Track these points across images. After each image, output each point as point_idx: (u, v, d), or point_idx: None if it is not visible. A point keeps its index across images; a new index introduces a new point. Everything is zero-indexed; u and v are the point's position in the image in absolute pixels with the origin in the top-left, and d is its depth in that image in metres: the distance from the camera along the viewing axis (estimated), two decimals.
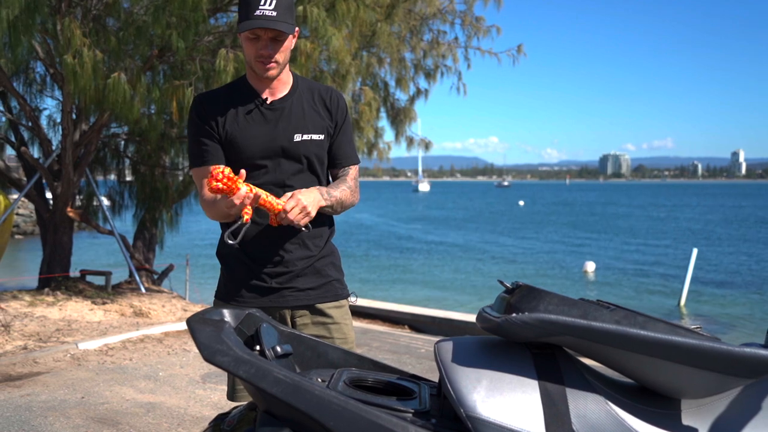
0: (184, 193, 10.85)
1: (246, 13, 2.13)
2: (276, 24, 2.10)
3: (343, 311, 2.37)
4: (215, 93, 2.34)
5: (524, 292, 1.56)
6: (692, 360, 1.33)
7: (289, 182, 2.25)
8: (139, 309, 7.90)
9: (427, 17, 11.67)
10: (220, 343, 1.47)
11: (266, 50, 2.16)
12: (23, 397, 4.72)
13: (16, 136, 9.96)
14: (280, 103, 2.28)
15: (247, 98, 2.27)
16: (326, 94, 2.35)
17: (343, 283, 2.41)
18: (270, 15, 2.10)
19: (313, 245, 2.31)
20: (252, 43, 2.17)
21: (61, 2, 7.37)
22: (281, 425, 1.43)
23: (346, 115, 2.38)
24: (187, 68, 7.99)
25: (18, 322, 6.72)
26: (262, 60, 2.17)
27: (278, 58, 2.18)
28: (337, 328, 2.32)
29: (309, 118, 2.29)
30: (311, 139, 2.28)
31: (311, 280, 2.30)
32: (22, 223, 28.23)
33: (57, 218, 9.34)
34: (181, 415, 4.50)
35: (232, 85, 2.36)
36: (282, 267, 2.25)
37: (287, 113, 2.27)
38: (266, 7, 2.10)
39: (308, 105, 2.31)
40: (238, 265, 2.29)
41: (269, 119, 2.26)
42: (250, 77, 2.30)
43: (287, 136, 2.25)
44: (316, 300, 2.30)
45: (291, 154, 2.26)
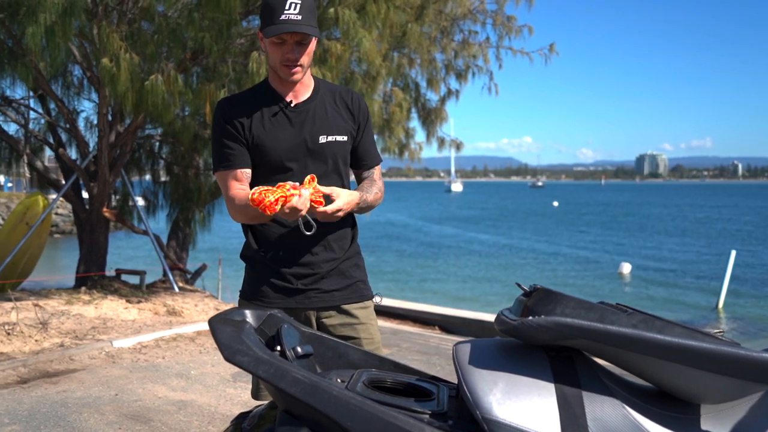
0: (216, 193, 10.97)
1: (270, 18, 2.15)
2: (302, 27, 2.13)
3: (368, 312, 2.39)
4: (239, 97, 2.37)
5: (541, 295, 1.56)
6: (710, 365, 1.32)
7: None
8: (173, 308, 8.02)
9: (458, 18, 11.64)
10: (241, 344, 1.49)
11: (292, 54, 2.18)
12: (59, 393, 4.83)
13: (54, 137, 10.17)
14: (303, 106, 2.30)
15: (272, 101, 2.30)
16: (347, 96, 2.38)
17: (367, 283, 2.43)
18: (296, 19, 2.12)
19: (338, 247, 2.33)
20: (277, 48, 2.19)
21: (98, 7, 7.51)
22: (300, 425, 1.45)
23: (367, 115, 2.42)
24: (220, 70, 8.09)
25: (55, 320, 6.86)
26: (288, 64, 2.19)
27: (303, 61, 2.21)
28: (364, 329, 2.34)
29: (332, 120, 2.32)
30: (336, 141, 2.31)
31: (336, 281, 2.32)
32: (61, 222, 28.86)
33: (93, 218, 9.52)
34: (211, 413, 4.56)
35: (255, 88, 2.39)
36: (307, 269, 2.28)
37: (311, 115, 2.30)
38: (291, 12, 2.12)
39: (330, 107, 2.34)
40: (263, 267, 2.31)
41: (294, 122, 2.28)
42: (273, 81, 2.32)
43: (313, 137, 2.28)
44: (342, 301, 2.32)
45: (317, 155, 2.29)
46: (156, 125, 9.89)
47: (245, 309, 1.76)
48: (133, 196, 10.82)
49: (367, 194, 2.32)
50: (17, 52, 7.68)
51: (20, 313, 6.78)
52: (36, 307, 7.20)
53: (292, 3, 2.12)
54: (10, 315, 6.76)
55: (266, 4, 2.18)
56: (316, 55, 7.90)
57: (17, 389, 4.89)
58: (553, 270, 22.73)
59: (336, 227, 2.31)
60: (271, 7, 2.16)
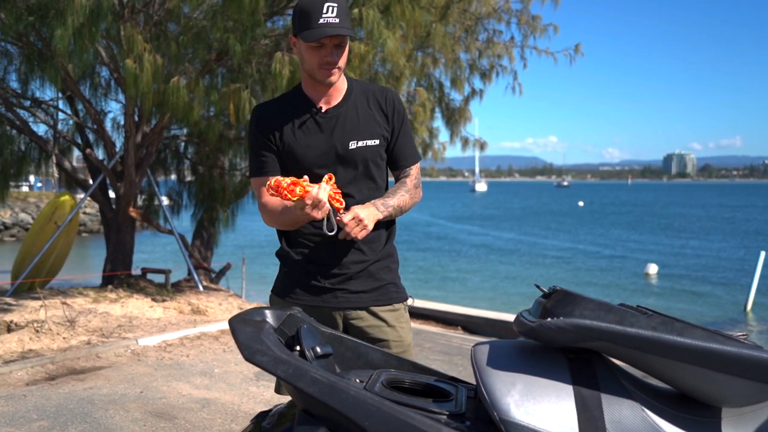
0: (240, 193, 11.06)
1: (307, 22, 2.14)
2: (342, 30, 2.12)
3: (398, 314, 2.36)
4: (272, 104, 2.37)
5: (560, 296, 1.55)
6: (730, 368, 1.30)
7: (346, 190, 2.26)
8: (197, 307, 8.09)
9: (482, 17, 11.59)
10: (260, 343, 1.51)
11: (331, 57, 2.17)
12: (86, 390, 4.90)
13: (82, 138, 10.31)
14: (334, 111, 2.29)
15: (303, 108, 2.30)
16: (381, 96, 2.36)
17: (399, 286, 2.40)
18: (334, 22, 2.11)
19: (369, 249, 2.32)
20: (315, 51, 2.17)
21: (124, 9, 7.61)
22: (318, 424, 1.46)
23: (403, 115, 2.39)
24: (245, 71, 8.15)
25: (82, 318, 6.96)
26: (327, 67, 2.18)
27: (341, 63, 2.21)
28: (392, 331, 2.32)
29: (364, 124, 2.30)
30: (366, 146, 2.29)
31: (365, 283, 2.31)
32: (89, 222, 29.26)
33: (120, 218, 9.64)
34: (234, 411, 4.60)
35: (289, 95, 2.38)
36: (336, 269, 2.28)
37: (342, 120, 2.28)
38: (329, 15, 2.11)
39: (363, 110, 2.32)
40: (295, 265, 2.32)
41: (324, 128, 2.27)
42: (306, 85, 2.31)
43: (343, 143, 2.27)
44: (370, 303, 2.31)
45: (347, 161, 2.27)
46: (181, 126, 9.99)
47: (269, 307, 1.77)
48: (159, 196, 10.93)
49: (388, 199, 2.29)
50: (46, 54, 7.80)
51: (48, 311, 6.89)
52: (64, 305, 7.31)
53: (330, 6, 2.11)
54: (38, 313, 6.87)
55: (301, 9, 2.16)
56: None
57: (45, 386, 4.97)
58: (579, 270, 22.55)
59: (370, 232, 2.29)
60: (307, 11, 2.14)
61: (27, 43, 8.25)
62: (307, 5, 2.14)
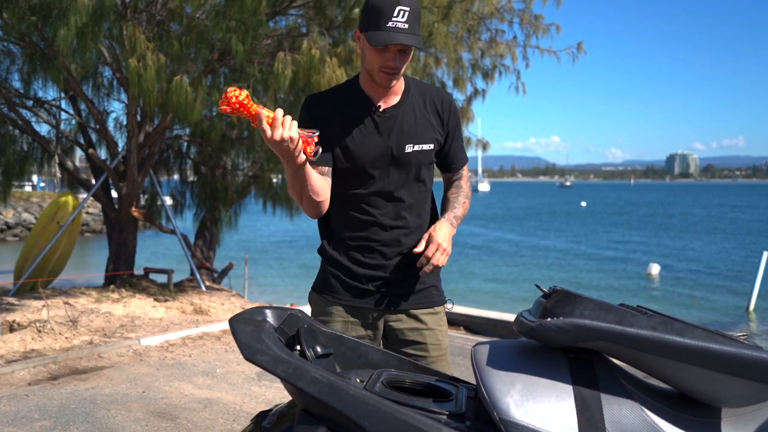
0: (243, 193, 11.07)
1: (376, 22, 2.04)
2: (409, 39, 2.04)
3: (437, 318, 2.33)
4: (327, 95, 2.30)
5: (560, 296, 1.55)
6: (730, 368, 1.30)
7: (397, 193, 2.24)
8: (199, 307, 8.11)
9: (485, 16, 11.58)
10: (260, 343, 1.51)
11: (394, 62, 2.09)
12: (88, 390, 4.91)
13: (84, 138, 10.33)
14: (392, 111, 2.23)
15: (361, 105, 2.23)
16: (437, 100, 2.30)
17: (439, 289, 2.37)
18: (403, 28, 2.03)
19: (411, 251, 2.28)
20: (378, 53, 2.09)
21: (127, 9, 7.62)
22: (318, 424, 1.46)
23: (457, 120, 2.36)
24: (247, 71, 8.16)
25: (85, 318, 6.97)
26: (387, 71, 2.11)
27: (403, 69, 2.14)
28: (431, 334, 2.29)
29: (421, 128, 2.25)
30: (422, 150, 2.24)
31: (407, 286, 2.27)
32: (92, 221, 29.32)
33: (122, 218, 9.66)
34: (236, 411, 4.60)
35: (345, 88, 2.30)
36: (380, 272, 2.25)
37: (400, 122, 2.23)
38: (399, 19, 2.02)
39: (420, 113, 2.26)
40: (338, 265, 2.28)
41: (382, 129, 2.21)
42: (364, 82, 2.24)
43: (399, 146, 2.22)
44: (411, 306, 2.28)
45: (401, 164, 2.23)
46: (183, 125, 10.01)
47: (269, 307, 1.77)
48: (161, 196, 10.95)
49: (456, 210, 2.30)
50: (49, 54, 7.82)
51: (51, 311, 6.91)
52: (66, 305, 7.33)
53: (401, 10, 2.02)
54: (41, 313, 6.89)
55: (372, 6, 2.07)
56: (342, 56, 7.92)
57: (47, 386, 4.98)
58: (581, 270, 22.54)
59: (415, 234, 2.28)
60: (378, 10, 2.04)
61: (29, 43, 8.27)
62: (379, 3, 2.05)
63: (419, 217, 2.31)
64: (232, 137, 10.25)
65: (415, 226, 2.29)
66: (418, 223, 2.30)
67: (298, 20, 9.37)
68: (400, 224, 2.25)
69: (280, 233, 30.75)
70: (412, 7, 2.05)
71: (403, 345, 2.27)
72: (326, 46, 7.89)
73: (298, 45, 8.04)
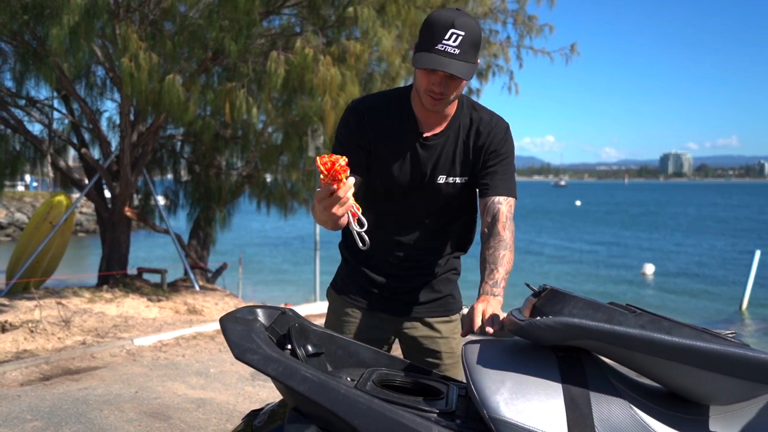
0: (237, 193, 11.06)
1: (428, 42, 1.91)
2: (454, 68, 1.88)
3: (452, 326, 2.30)
4: (377, 107, 2.15)
5: (550, 295, 1.56)
6: (717, 366, 1.31)
7: (423, 218, 2.18)
8: (193, 306, 8.10)
9: (479, 16, 11.61)
10: (250, 342, 1.51)
11: (439, 87, 1.95)
12: (81, 390, 4.89)
13: (77, 137, 10.30)
14: (435, 139, 2.11)
15: (408, 128, 2.12)
16: (485, 128, 2.13)
17: (456, 297, 2.33)
18: (452, 53, 1.88)
19: (434, 264, 2.25)
20: (425, 75, 1.96)
21: (120, 8, 7.60)
22: (309, 423, 1.46)
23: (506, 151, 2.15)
24: (240, 70, 8.15)
25: (78, 318, 6.95)
26: (432, 95, 1.97)
27: (451, 96, 1.99)
28: (445, 343, 2.27)
29: (459, 160, 2.13)
30: (454, 182, 2.14)
31: (424, 294, 2.25)
32: (85, 221, 29.25)
33: (115, 217, 9.63)
34: (230, 411, 4.60)
35: (395, 102, 2.15)
36: (397, 281, 2.22)
37: (439, 152, 2.11)
38: (450, 43, 1.88)
39: (462, 142, 2.13)
40: (357, 270, 2.26)
41: (422, 158, 2.11)
42: (414, 100, 2.11)
43: (432, 176, 2.13)
44: (426, 314, 2.26)
45: (429, 193, 2.15)
46: (177, 125, 10.00)
47: (261, 306, 1.77)
48: (155, 196, 10.93)
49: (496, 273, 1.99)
50: (41, 53, 7.80)
51: (43, 311, 6.88)
52: (59, 305, 7.31)
53: (454, 33, 1.88)
54: (33, 313, 6.86)
55: (428, 23, 1.94)
56: (335, 55, 7.92)
57: (40, 386, 4.97)
58: (576, 270, 22.59)
59: (438, 254, 2.23)
60: (431, 28, 1.91)
61: (22, 42, 8.25)
62: (435, 21, 1.92)
63: (445, 240, 2.24)
64: (226, 137, 10.24)
65: (439, 247, 2.24)
66: (443, 245, 2.24)
67: (292, 20, 9.37)
68: (423, 246, 2.20)
69: (274, 233, 30.75)
70: (468, 32, 1.90)
71: (417, 352, 2.26)
72: (320, 45, 7.89)
73: (291, 44, 8.04)
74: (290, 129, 9.40)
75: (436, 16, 1.92)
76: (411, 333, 2.26)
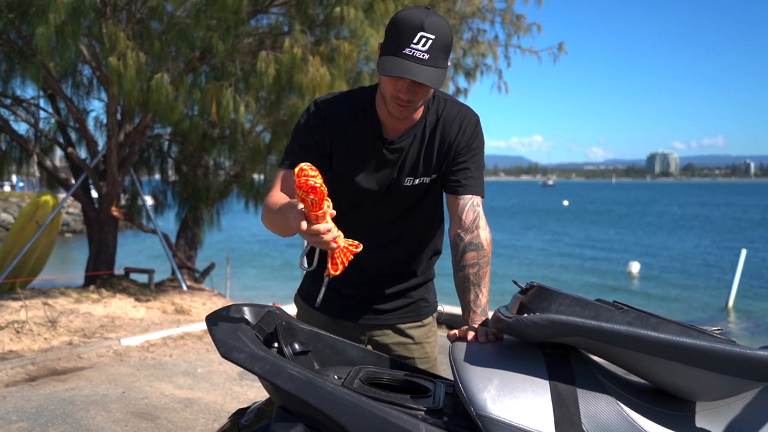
0: (224, 192, 11.02)
1: (394, 46, 1.79)
2: (423, 73, 1.76)
3: (425, 330, 2.21)
4: (341, 109, 2.02)
5: (536, 292, 1.56)
6: (703, 362, 1.31)
7: (390, 221, 2.09)
8: (181, 306, 8.06)
9: (467, 16, 11.64)
10: (237, 340, 1.50)
11: (405, 95, 1.83)
12: (67, 390, 4.86)
13: (64, 137, 10.22)
14: (400, 141, 2.00)
15: (373, 132, 2.01)
16: (455, 124, 2.02)
17: (429, 300, 2.24)
18: (421, 57, 1.76)
19: (407, 275, 2.18)
20: (391, 81, 1.84)
21: (106, 6, 7.56)
22: (296, 421, 1.46)
23: (476, 145, 2.04)
24: (228, 70, 8.13)
25: (64, 318, 6.91)
26: (398, 102, 1.86)
27: (418, 102, 1.88)
28: (418, 348, 2.19)
29: (426, 159, 2.03)
30: (422, 183, 2.04)
31: (393, 301, 2.17)
32: (72, 221, 29.05)
33: (102, 217, 9.57)
34: (217, 411, 4.58)
35: (358, 104, 2.03)
36: (366, 288, 2.14)
37: (404, 154, 2.01)
38: (418, 47, 1.76)
39: (428, 142, 2.02)
40: (322, 276, 2.19)
41: (388, 162, 2.01)
42: (379, 103, 1.99)
43: (399, 180, 2.03)
44: (396, 320, 2.17)
45: (398, 195, 2.05)
46: (164, 124, 9.95)
47: (247, 304, 1.76)
48: (142, 196, 10.87)
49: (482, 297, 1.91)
50: (27, 52, 7.74)
51: (29, 312, 6.83)
52: (45, 305, 7.25)
53: (423, 36, 1.75)
54: (19, 313, 6.81)
55: (395, 22, 1.81)
56: (324, 55, 7.91)
57: (26, 387, 4.93)
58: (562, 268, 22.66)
59: (408, 259, 2.14)
60: (398, 30, 1.79)
61: (7, 41, 8.18)
62: (402, 22, 1.79)
63: (414, 242, 2.15)
64: (214, 136, 10.21)
65: (409, 251, 2.15)
66: (413, 248, 2.15)
67: (280, 19, 9.35)
68: (391, 249, 2.11)
69: (262, 232, 30.65)
70: (438, 35, 1.77)
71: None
72: (308, 44, 7.88)
73: (279, 44, 8.01)
74: (278, 128, 9.38)
75: (404, 16, 1.79)
76: (382, 340, 2.17)
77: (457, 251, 1.96)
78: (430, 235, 2.18)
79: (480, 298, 1.90)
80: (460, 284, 1.94)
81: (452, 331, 1.78)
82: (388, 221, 2.09)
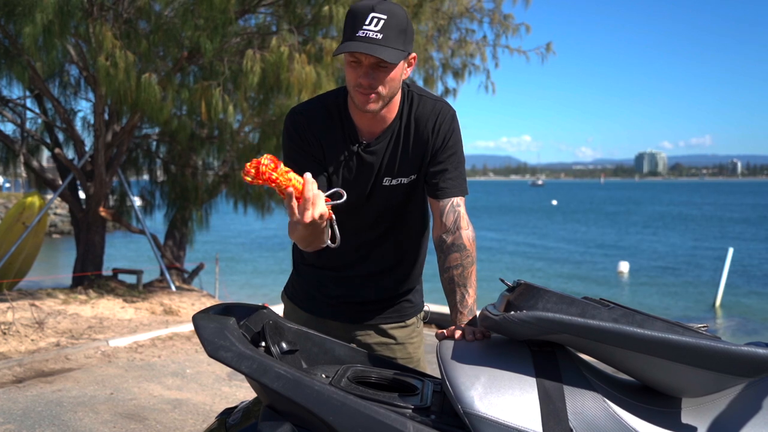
0: (213, 192, 10.99)
1: (350, 31, 1.79)
2: (377, 50, 1.74)
3: (408, 330, 2.21)
4: (315, 114, 2.02)
5: (523, 290, 1.56)
6: (689, 358, 1.32)
7: (371, 224, 2.08)
8: (169, 307, 8.03)
9: (455, 16, 11.64)
10: (224, 339, 1.50)
11: (365, 79, 1.81)
12: (54, 392, 4.83)
13: (51, 137, 10.17)
14: (377, 143, 1.99)
15: (347, 134, 1.99)
16: (431, 120, 2.00)
17: (413, 301, 2.23)
18: (373, 37, 1.75)
19: (392, 279, 2.18)
20: (352, 69, 1.82)
21: (93, 6, 7.52)
22: (283, 420, 1.46)
23: (454, 142, 2.02)
24: (216, 69, 8.10)
25: (52, 320, 6.87)
26: (361, 90, 1.83)
27: (381, 90, 1.83)
28: (401, 349, 2.19)
29: (403, 160, 2.01)
30: (400, 183, 2.03)
31: (377, 301, 2.17)
32: (60, 222, 28.88)
33: (90, 218, 9.53)
34: (206, 412, 4.57)
35: (333, 109, 2.02)
36: (350, 288, 2.14)
37: (381, 156, 2.00)
38: (370, 28, 1.75)
39: (405, 142, 2.00)
40: (309, 277, 2.18)
41: (366, 166, 2.00)
42: (351, 106, 1.98)
43: (377, 181, 2.02)
44: (379, 321, 2.17)
45: (378, 197, 2.04)
46: (152, 124, 9.91)
47: (234, 304, 1.76)
48: (131, 196, 10.82)
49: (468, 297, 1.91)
50: (13, 51, 7.69)
51: (16, 313, 6.79)
52: (32, 306, 7.21)
53: (375, 17, 1.76)
54: (6, 315, 6.76)
55: (349, 13, 1.83)
56: (312, 53, 7.90)
57: (12, 388, 4.90)
58: (552, 268, 22.73)
59: (392, 260, 2.14)
60: (353, 17, 1.80)
61: None
62: (356, 9, 1.81)
63: (398, 243, 2.14)
64: (202, 136, 10.17)
65: (394, 252, 2.14)
66: (397, 250, 2.15)
67: (268, 18, 9.33)
68: (376, 251, 2.12)
69: (251, 233, 30.60)
70: (391, 15, 1.78)
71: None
72: (296, 43, 7.87)
73: (267, 43, 8.00)
74: (267, 128, 9.36)
75: (357, 5, 1.81)
76: (364, 340, 2.16)
77: (441, 253, 1.96)
78: (415, 236, 2.18)
79: (466, 299, 1.90)
80: (446, 286, 1.95)
81: (440, 331, 1.79)
82: (372, 224, 2.09)
